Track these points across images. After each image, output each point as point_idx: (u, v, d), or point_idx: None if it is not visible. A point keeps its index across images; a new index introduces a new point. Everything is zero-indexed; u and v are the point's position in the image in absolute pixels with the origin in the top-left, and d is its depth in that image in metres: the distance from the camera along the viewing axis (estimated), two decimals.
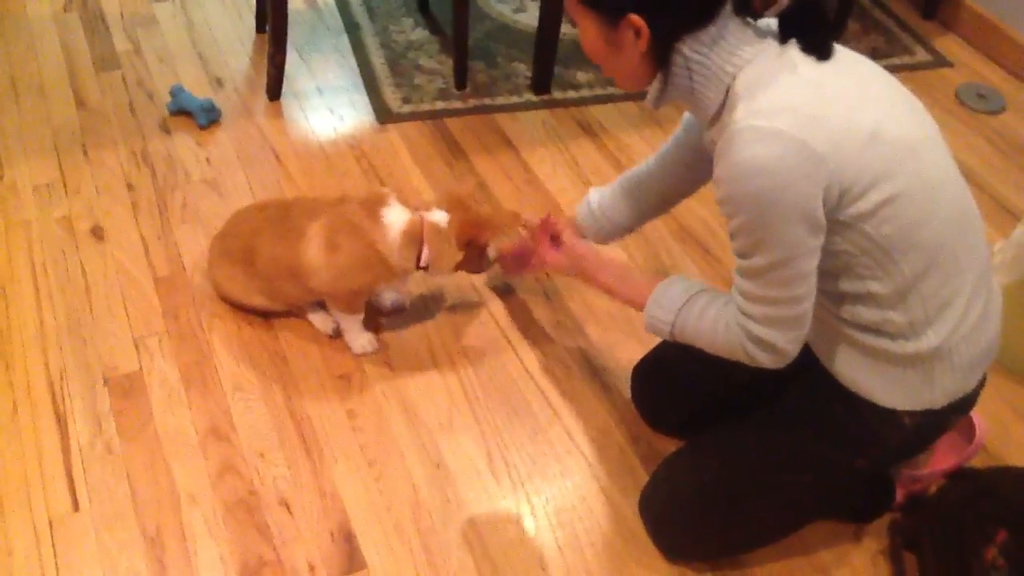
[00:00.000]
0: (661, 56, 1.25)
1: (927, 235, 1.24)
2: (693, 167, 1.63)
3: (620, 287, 1.58)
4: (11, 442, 1.68)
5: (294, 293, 1.87)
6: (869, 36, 3.13)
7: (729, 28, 1.21)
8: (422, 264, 1.79)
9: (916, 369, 1.33)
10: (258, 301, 1.91)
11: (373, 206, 1.77)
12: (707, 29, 1.21)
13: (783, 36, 1.23)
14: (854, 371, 1.38)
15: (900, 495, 1.70)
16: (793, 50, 1.21)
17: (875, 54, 3.02)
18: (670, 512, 1.61)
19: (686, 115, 1.60)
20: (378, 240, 1.75)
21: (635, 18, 1.20)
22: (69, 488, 1.62)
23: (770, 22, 1.24)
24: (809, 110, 1.16)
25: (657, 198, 1.74)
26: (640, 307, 1.49)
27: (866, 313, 1.31)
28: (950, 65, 3.04)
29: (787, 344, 1.30)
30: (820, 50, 1.21)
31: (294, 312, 1.96)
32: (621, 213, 1.77)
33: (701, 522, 1.58)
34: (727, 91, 1.23)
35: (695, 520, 1.58)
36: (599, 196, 1.79)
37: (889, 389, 1.36)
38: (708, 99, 1.26)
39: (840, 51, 1.24)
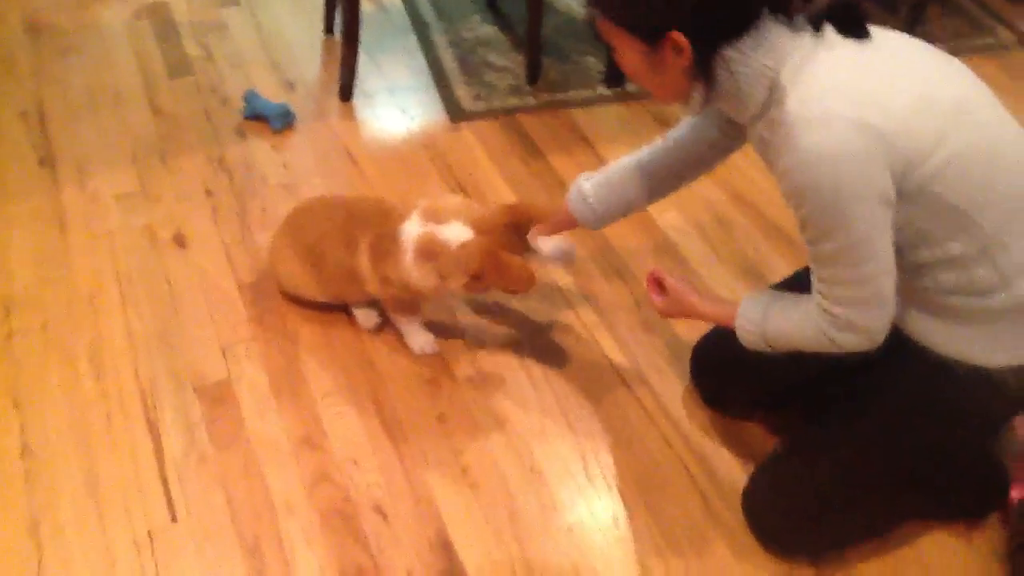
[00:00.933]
0: (703, 67, 1.26)
1: (1002, 188, 1.24)
2: (715, 146, 1.60)
3: (720, 313, 1.56)
4: (107, 453, 1.68)
5: (355, 295, 1.89)
6: (950, 18, 3.03)
7: (768, 29, 1.22)
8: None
9: (1015, 320, 1.32)
10: (319, 297, 1.92)
11: (399, 221, 1.72)
12: (747, 35, 1.22)
13: (817, 24, 1.23)
14: (951, 337, 1.37)
15: (1020, 492, 1.63)
16: (830, 34, 1.23)
17: (956, 36, 2.92)
18: (778, 511, 1.57)
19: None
20: (399, 260, 1.70)
21: (676, 35, 1.21)
22: (166, 498, 1.62)
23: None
24: (855, 85, 1.18)
25: (675, 176, 1.67)
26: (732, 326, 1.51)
27: (951, 276, 1.30)
28: None
29: (872, 323, 1.30)
30: (855, 31, 1.23)
31: (341, 307, 1.96)
32: (630, 192, 1.68)
33: (811, 519, 1.55)
34: (771, 87, 1.24)
35: (805, 518, 1.55)
36: (594, 182, 1.69)
37: (991, 347, 1.35)
38: (753, 99, 1.26)
39: (874, 29, 1.25)
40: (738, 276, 2.10)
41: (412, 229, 1.69)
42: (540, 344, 1.94)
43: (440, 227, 1.67)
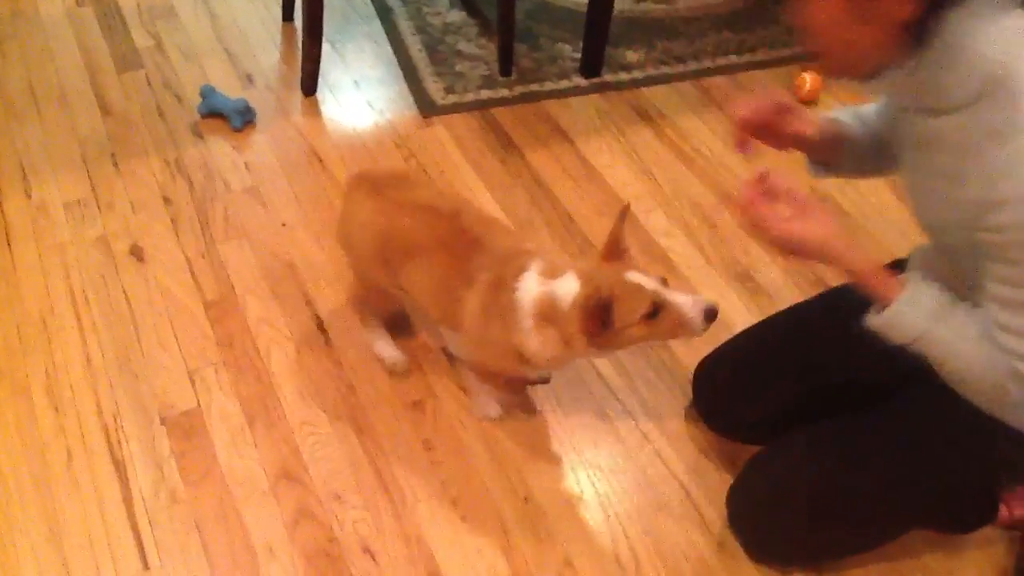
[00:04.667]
0: (919, 31, 1.02)
1: None
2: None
3: (873, 272, 1.21)
4: (70, 495, 1.56)
5: (438, 311, 1.57)
6: None
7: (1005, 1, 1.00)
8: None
9: None
10: (387, 290, 1.64)
11: (518, 271, 1.41)
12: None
13: None
14: None
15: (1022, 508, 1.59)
16: None
17: None
18: (766, 514, 1.50)
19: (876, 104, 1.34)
20: (514, 325, 1.40)
21: None
22: (137, 544, 1.51)
23: None
24: None
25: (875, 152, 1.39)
26: (884, 299, 1.20)
27: None
28: None
29: None
30: None
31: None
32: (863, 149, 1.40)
33: (799, 525, 1.46)
34: (991, 79, 1.02)
35: (795, 521, 1.46)
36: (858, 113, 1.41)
37: None
38: (961, 86, 1.04)
39: None
40: (729, 280, 2.02)
41: (531, 288, 1.39)
42: None
43: (554, 281, 1.38)
